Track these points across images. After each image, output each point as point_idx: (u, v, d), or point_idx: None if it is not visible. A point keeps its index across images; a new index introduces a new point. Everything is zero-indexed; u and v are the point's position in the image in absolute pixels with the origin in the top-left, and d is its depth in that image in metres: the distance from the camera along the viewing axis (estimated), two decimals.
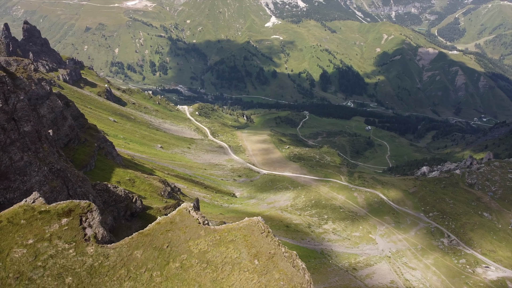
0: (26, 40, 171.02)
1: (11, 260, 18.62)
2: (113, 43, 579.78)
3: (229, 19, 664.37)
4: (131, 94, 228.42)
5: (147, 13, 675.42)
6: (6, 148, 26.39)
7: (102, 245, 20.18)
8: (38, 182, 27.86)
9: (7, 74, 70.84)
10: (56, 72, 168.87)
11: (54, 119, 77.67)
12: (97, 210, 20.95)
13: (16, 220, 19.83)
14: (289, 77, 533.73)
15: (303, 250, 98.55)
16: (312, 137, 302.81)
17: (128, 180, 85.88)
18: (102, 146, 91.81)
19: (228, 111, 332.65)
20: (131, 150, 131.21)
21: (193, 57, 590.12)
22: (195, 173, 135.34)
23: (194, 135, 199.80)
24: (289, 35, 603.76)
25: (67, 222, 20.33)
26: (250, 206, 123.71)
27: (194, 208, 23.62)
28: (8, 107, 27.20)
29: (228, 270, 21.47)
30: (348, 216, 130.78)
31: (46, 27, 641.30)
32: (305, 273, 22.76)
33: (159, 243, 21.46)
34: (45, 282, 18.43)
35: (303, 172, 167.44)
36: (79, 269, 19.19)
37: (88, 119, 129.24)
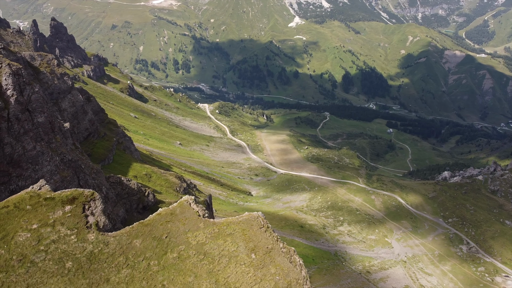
0: (53, 36, 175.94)
1: (16, 243, 19.42)
2: (138, 41, 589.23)
3: (252, 19, 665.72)
4: (153, 91, 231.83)
5: (172, 11, 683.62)
6: (19, 137, 27.45)
7: (103, 233, 20.81)
8: (50, 171, 28.86)
9: (32, 68, 73.23)
10: (80, 68, 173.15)
11: (75, 113, 79.75)
12: (100, 199, 21.60)
13: (22, 206, 20.68)
14: (311, 77, 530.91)
15: (316, 250, 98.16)
16: (332, 139, 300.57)
17: (145, 175, 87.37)
18: (120, 140, 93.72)
19: (249, 110, 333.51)
20: (150, 146, 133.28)
21: (215, 56, 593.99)
22: (212, 171, 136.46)
23: (213, 133, 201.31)
24: (312, 35, 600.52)
25: (70, 209, 21.05)
26: (266, 205, 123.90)
27: (195, 201, 24.04)
28: (23, 98, 28.27)
29: (225, 262, 21.78)
30: (364, 218, 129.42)
31: (74, 24, 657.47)
32: (302, 269, 22.88)
33: (159, 233, 21.96)
34: (46, 265, 19.14)
35: (321, 173, 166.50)
36: (79, 254, 19.84)
37: (109, 114, 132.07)
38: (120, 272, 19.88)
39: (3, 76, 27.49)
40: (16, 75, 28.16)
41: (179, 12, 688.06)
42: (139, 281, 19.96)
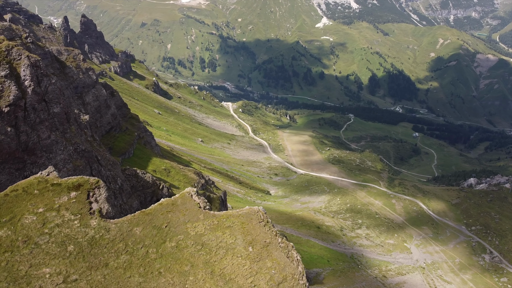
0: (83, 32, 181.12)
1: (22, 225, 20.38)
2: (166, 39, 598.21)
3: (280, 19, 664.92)
4: (178, 89, 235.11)
5: (200, 10, 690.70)
6: (35, 126, 28.66)
7: (105, 220, 21.54)
8: (63, 160, 29.99)
9: (58, 62, 75.69)
10: (108, 64, 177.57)
11: (98, 107, 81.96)
12: (105, 187, 22.36)
13: (30, 190, 21.67)
14: (337, 79, 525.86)
15: (332, 252, 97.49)
16: (355, 141, 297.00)
17: (164, 169, 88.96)
18: (142, 135, 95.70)
19: (272, 110, 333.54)
20: (172, 142, 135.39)
21: (242, 55, 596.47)
22: (231, 168, 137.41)
23: (235, 132, 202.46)
24: (340, 36, 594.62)
25: (75, 195, 21.90)
26: (283, 205, 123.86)
27: (197, 194, 24.53)
28: (40, 89, 29.49)
29: (222, 254, 22.15)
30: (383, 222, 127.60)
31: (105, 21, 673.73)
32: (299, 265, 23.02)
33: (159, 223, 22.54)
34: (49, 247, 19.99)
35: (341, 175, 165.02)
36: (81, 239, 20.62)
37: (133, 110, 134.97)
38: (119, 258, 20.53)
39: (22, 67, 28.77)
40: (34, 66, 29.39)
41: (207, 11, 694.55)
42: (137, 267, 20.56)
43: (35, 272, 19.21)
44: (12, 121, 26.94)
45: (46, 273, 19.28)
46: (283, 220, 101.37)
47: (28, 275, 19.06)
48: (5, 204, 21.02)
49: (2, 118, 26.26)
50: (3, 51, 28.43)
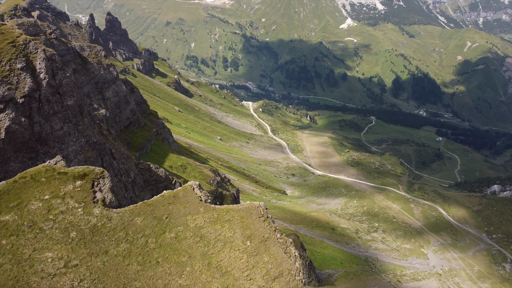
0: (108, 30, 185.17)
1: (28, 211, 21.22)
2: (190, 38, 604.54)
3: (303, 19, 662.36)
4: (199, 87, 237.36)
5: (225, 10, 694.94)
6: (48, 117, 29.70)
7: (107, 209, 22.19)
8: (74, 151, 30.97)
9: (80, 58, 77.73)
10: (131, 61, 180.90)
11: (118, 102, 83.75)
12: (109, 177, 23.02)
13: (37, 177, 22.52)
14: (360, 80, 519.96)
15: (346, 254, 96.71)
16: (376, 144, 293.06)
17: (180, 166, 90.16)
18: (160, 131, 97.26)
19: (292, 110, 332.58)
20: (191, 139, 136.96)
21: (264, 55, 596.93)
22: (248, 167, 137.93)
23: (254, 131, 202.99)
24: (364, 37, 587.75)
25: (80, 184, 22.64)
26: (299, 205, 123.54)
27: (199, 187, 24.94)
28: (54, 82, 30.53)
29: (220, 246, 22.46)
30: (400, 226, 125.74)
31: (131, 20, 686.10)
32: (296, 261, 23.12)
33: (160, 214, 23.04)
34: (53, 233, 20.75)
35: (360, 177, 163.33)
36: (83, 226, 21.31)
37: (154, 107, 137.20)
38: (119, 246, 21.09)
39: (38, 60, 29.85)
40: (49, 60, 30.46)
41: (231, 10, 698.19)
42: (136, 256, 21.08)
43: (38, 255, 19.97)
44: (26, 112, 28.02)
45: (49, 257, 20.01)
46: (297, 220, 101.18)
47: (31, 258, 19.83)
48: (13, 190, 21.93)
49: (17, 109, 27.34)
50: (20, 45, 29.57)
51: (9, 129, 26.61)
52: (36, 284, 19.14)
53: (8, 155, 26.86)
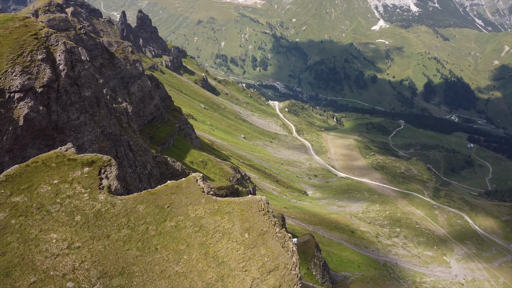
0: (139, 27, 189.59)
1: (37, 194, 22.34)
2: (220, 37, 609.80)
3: (334, 20, 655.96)
4: (226, 85, 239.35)
5: (256, 9, 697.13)
6: (66, 107, 31.01)
7: (112, 195, 23.05)
8: (89, 140, 32.19)
9: (108, 53, 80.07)
10: (160, 58, 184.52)
11: (142, 97, 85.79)
12: (116, 166, 23.89)
13: (48, 163, 23.66)
14: (390, 83, 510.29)
15: (364, 258, 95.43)
16: (403, 148, 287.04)
17: (201, 161, 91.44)
18: (183, 127, 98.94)
19: (319, 111, 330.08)
20: (214, 136, 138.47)
21: (293, 55, 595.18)
22: (270, 166, 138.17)
23: (278, 131, 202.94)
24: (396, 40, 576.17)
25: (88, 171, 23.61)
26: (319, 206, 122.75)
27: (202, 179, 25.47)
28: (73, 73, 31.83)
29: (218, 237, 22.92)
30: (423, 233, 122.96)
31: (164, 18, 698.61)
32: (293, 256, 23.33)
33: (162, 202, 23.73)
34: (59, 216, 21.79)
35: (384, 181, 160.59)
36: (88, 211, 22.25)
37: (180, 103, 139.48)
38: (120, 231, 21.90)
39: (58, 52, 31.22)
40: (69, 52, 31.78)
41: (262, 10, 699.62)
42: (136, 241, 21.83)
43: (44, 236, 21.01)
44: (45, 101, 29.37)
45: (53, 238, 21.02)
46: (315, 221, 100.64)
47: (37, 238, 20.88)
48: (25, 174, 23.13)
49: (36, 98, 28.71)
50: (42, 37, 31.01)
51: (27, 117, 27.99)
52: (40, 263, 20.17)
53: (26, 142, 28.25)
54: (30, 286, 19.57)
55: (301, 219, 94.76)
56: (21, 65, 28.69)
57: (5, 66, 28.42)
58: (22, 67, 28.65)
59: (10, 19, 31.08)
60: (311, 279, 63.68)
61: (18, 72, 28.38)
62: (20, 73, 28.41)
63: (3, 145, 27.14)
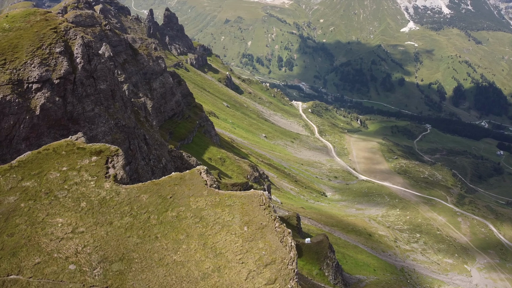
0: (165, 25, 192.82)
1: (47, 179, 23.35)
2: (247, 36, 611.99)
3: (363, 21, 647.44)
4: (250, 84, 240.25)
5: (283, 9, 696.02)
6: (81, 99, 32.14)
7: (117, 184, 23.83)
8: (103, 132, 33.24)
9: (131, 49, 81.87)
10: (185, 56, 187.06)
11: (164, 93, 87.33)
12: (123, 156, 24.66)
13: (59, 150, 24.67)
14: (418, 86, 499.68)
15: (380, 262, 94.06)
16: (429, 153, 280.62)
17: (219, 158, 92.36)
18: (203, 124, 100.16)
19: (343, 113, 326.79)
20: (235, 135, 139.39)
21: (320, 56, 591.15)
22: (290, 166, 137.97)
23: (300, 131, 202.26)
24: (426, 42, 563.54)
25: (95, 160, 24.49)
26: (337, 208, 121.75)
27: (206, 172, 25.95)
28: (89, 67, 32.95)
29: (217, 229, 23.37)
30: (444, 240, 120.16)
31: (192, 16, 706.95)
32: (291, 251, 23.50)
33: (165, 193, 24.36)
34: (66, 201, 22.71)
35: (406, 186, 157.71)
36: (93, 198, 23.10)
37: (203, 101, 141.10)
38: (123, 219, 22.64)
39: (75, 46, 32.39)
40: (86, 46, 32.92)
41: (290, 10, 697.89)
42: (137, 229, 22.52)
43: (50, 220, 21.96)
44: (61, 92, 30.55)
45: (59, 222, 21.94)
46: (332, 223, 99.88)
47: (44, 222, 21.85)
48: (36, 160, 24.19)
49: (52, 89, 29.91)
50: (61, 31, 32.24)
51: (43, 107, 29.20)
52: (45, 245, 21.12)
53: (41, 130, 29.48)
54: (35, 266, 20.53)
55: (317, 220, 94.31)
56: (40, 57, 29.94)
57: (25, 58, 29.73)
58: (40, 59, 29.89)
59: (32, 13, 32.45)
60: (323, 279, 63.41)
61: (37, 64, 29.64)
62: (39, 65, 29.66)
63: (20, 133, 28.42)
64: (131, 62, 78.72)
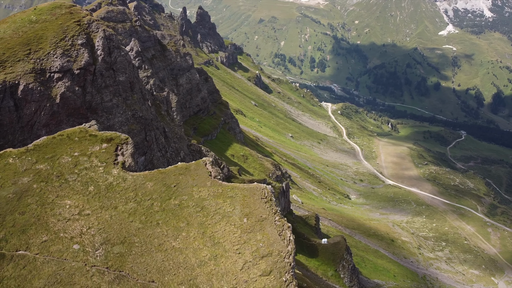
0: (198, 23, 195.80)
1: (59, 163, 24.58)
2: (280, 36, 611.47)
3: (399, 23, 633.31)
4: (279, 84, 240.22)
5: (318, 10, 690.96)
6: (100, 90, 33.47)
7: (125, 171, 24.78)
8: (120, 122, 34.46)
9: (160, 45, 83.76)
10: (216, 54, 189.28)
11: (190, 89, 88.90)
12: (132, 144, 25.60)
13: (72, 137, 25.89)
14: (454, 92, 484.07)
15: (401, 268, 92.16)
16: (462, 160, 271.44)
17: (242, 155, 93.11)
18: (227, 121, 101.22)
19: (374, 116, 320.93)
20: (261, 133, 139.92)
21: (353, 58, 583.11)
22: (314, 167, 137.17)
23: (328, 132, 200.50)
24: (465, 46, 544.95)
25: (106, 147, 25.54)
26: (360, 211, 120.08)
27: (212, 163, 26.52)
28: (109, 59, 34.24)
29: (217, 219, 23.91)
30: (471, 250, 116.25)
31: (226, 16, 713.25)
32: (289, 244, 23.72)
33: (169, 182, 25.12)
34: (75, 184, 23.85)
35: (434, 193, 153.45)
36: (101, 183, 24.13)
37: (231, 99, 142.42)
38: (127, 204, 23.55)
39: (97, 38, 33.76)
40: (107, 39, 34.23)
41: (324, 11, 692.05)
42: (140, 215, 23.38)
43: (59, 201, 23.13)
44: (81, 82, 31.95)
45: (67, 204, 23.08)
46: (353, 226, 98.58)
47: (53, 203, 23.04)
48: (51, 145, 25.49)
49: (72, 79, 31.33)
50: (84, 24, 33.69)
51: (63, 95, 30.64)
52: (53, 224, 22.29)
53: (61, 118, 30.94)
54: (42, 244, 21.71)
55: (338, 221, 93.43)
56: (62, 48, 31.41)
57: (48, 49, 31.28)
58: (63, 50, 31.36)
59: (58, 7, 34.06)
60: (338, 281, 62.95)
61: (59, 55, 31.12)
62: (61, 55, 31.13)
63: (40, 120, 29.94)
64: (159, 57, 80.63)
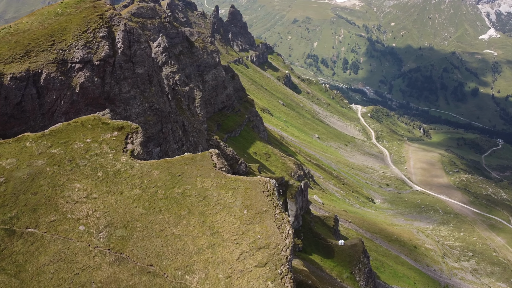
0: (229, 21, 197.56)
1: (72, 149, 25.79)
2: (314, 37, 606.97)
3: (437, 26, 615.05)
4: (309, 84, 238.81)
5: (353, 11, 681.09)
6: (119, 81, 34.70)
7: (133, 159, 25.72)
8: (137, 113, 35.61)
9: (188, 42, 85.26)
10: (246, 53, 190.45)
11: (215, 86, 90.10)
12: (141, 133, 26.52)
13: (86, 124, 27.07)
14: (493, 98, 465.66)
15: (423, 276, 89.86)
16: (498, 169, 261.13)
17: (264, 153, 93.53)
18: (252, 119, 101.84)
19: (405, 120, 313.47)
20: (286, 133, 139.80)
21: (387, 60, 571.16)
22: (339, 169, 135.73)
23: (356, 135, 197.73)
24: (507, 51, 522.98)
25: (116, 135, 26.56)
26: (383, 216, 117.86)
27: (218, 155, 27.08)
28: (129, 52, 35.44)
29: (218, 209, 24.46)
30: (500, 262, 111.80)
31: (261, 15, 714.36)
32: (287, 238, 23.96)
33: (175, 171, 25.87)
34: (85, 169, 24.98)
35: (464, 201, 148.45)
36: (109, 169, 25.16)
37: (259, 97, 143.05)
38: (133, 190, 24.46)
39: (118, 31, 35.01)
40: (128, 32, 35.43)
41: (360, 12, 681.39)
42: (144, 201, 24.25)
43: (69, 184, 24.30)
44: (100, 73, 33.26)
45: (76, 187, 24.21)
46: (375, 230, 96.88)
47: (64, 185, 24.22)
48: (65, 131, 26.76)
49: (92, 70, 32.67)
50: (106, 17, 35.02)
51: (83, 85, 32.01)
52: (62, 206, 23.46)
53: (80, 107, 32.34)
54: (50, 223, 22.91)
55: (359, 224, 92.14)
56: (84, 40, 32.82)
57: (71, 40, 32.77)
58: (84, 41, 32.77)
59: (83, 0, 35.59)
60: (353, 284, 62.31)
61: (81, 46, 32.54)
62: (82, 47, 32.54)
63: (60, 107, 31.42)
64: (186, 53, 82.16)
